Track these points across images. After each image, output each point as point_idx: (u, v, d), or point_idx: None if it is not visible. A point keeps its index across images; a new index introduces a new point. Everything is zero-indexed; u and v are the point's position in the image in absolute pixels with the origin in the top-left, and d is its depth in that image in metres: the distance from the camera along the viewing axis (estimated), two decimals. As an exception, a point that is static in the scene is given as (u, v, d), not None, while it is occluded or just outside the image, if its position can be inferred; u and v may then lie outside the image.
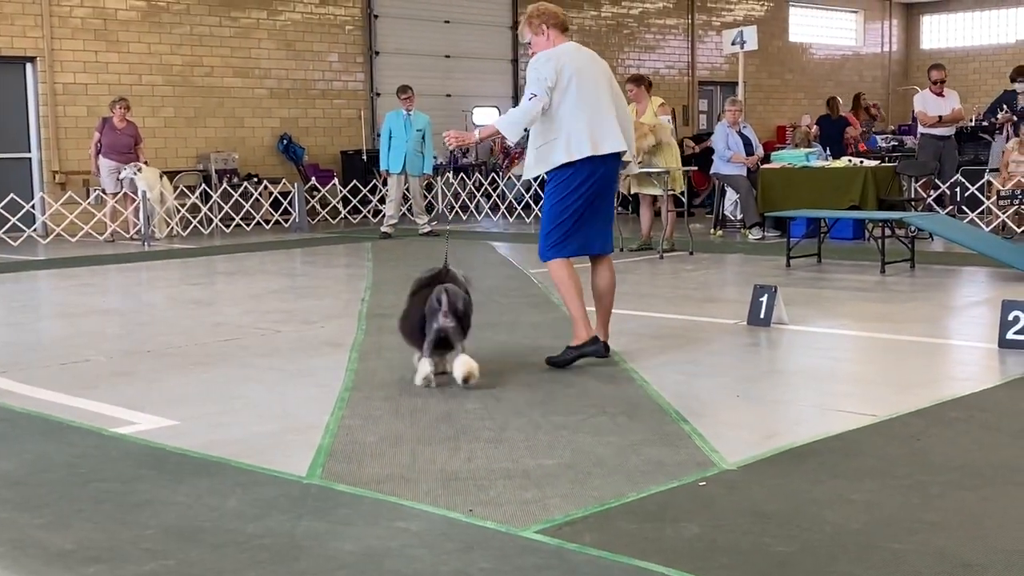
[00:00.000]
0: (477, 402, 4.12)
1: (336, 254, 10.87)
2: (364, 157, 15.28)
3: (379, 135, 13.49)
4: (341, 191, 14.31)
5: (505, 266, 9.07)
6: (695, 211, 13.98)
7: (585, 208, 4.77)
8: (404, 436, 3.67)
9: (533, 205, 14.44)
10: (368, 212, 14.64)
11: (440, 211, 14.67)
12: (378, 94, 15.98)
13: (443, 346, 4.36)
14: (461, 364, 4.30)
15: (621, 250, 9.91)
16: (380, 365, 4.85)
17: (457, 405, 4.09)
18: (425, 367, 4.37)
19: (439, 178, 15.08)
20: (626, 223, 12.59)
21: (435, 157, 13.50)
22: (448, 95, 16.67)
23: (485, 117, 16.18)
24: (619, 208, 12.32)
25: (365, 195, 14.51)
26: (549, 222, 4.82)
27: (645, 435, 3.62)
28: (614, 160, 4.82)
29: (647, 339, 5.45)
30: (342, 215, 14.52)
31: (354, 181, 14.22)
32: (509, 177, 15.30)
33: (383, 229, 12.12)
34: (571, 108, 4.81)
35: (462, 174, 15.50)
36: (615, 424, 3.77)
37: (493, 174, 15.62)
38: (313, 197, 14.30)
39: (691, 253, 9.59)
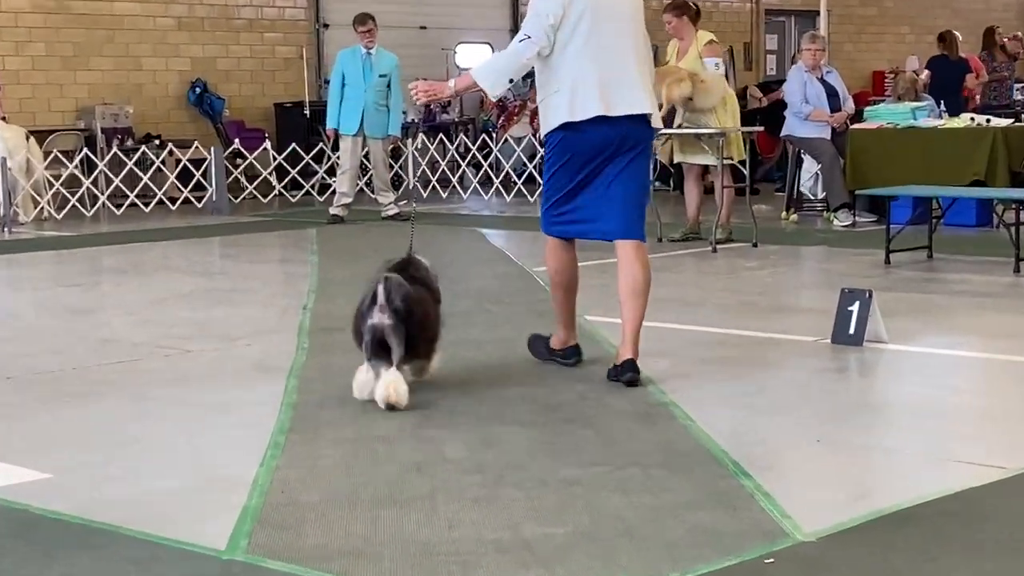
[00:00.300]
0: (461, 447, 4.14)
1: (268, 245, 10.89)
2: (307, 112, 15.37)
3: (328, 82, 13.54)
4: (275, 158, 14.36)
5: (500, 262, 9.10)
6: (760, 187, 14.03)
7: (589, 182, 5.04)
8: (360, 494, 3.68)
9: (538, 177, 14.49)
10: (312, 187, 14.69)
11: (411, 186, 14.71)
12: (326, 26, 16.04)
13: (386, 349, 4.65)
14: (384, 384, 4.57)
15: (660, 240, 9.96)
16: (328, 397, 4.87)
17: (433, 451, 4.10)
18: (360, 376, 4.71)
19: (410, 141, 15.14)
20: (666, 203, 12.62)
21: (404, 113, 13.55)
22: (423, 27, 16.73)
23: (473, 58, 16.18)
24: (656, 183, 12.35)
25: (308, 164, 14.57)
26: (545, 197, 5.21)
27: (691, 494, 3.64)
28: (635, 124, 5.00)
29: (694, 362, 5.47)
30: (276, 191, 14.56)
31: (293, 145, 14.28)
32: (506, 139, 15.36)
33: (333, 211, 12.18)
34: (578, 53, 4.91)
35: (441, 136, 15.55)
36: (649, 479, 3.78)
37: (484, 136, 15.68)
38: (236, 167, 14.36)
39: (755, 245, 9.63)
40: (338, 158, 12.68)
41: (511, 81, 5.05)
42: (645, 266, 5.09)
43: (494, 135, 15.65)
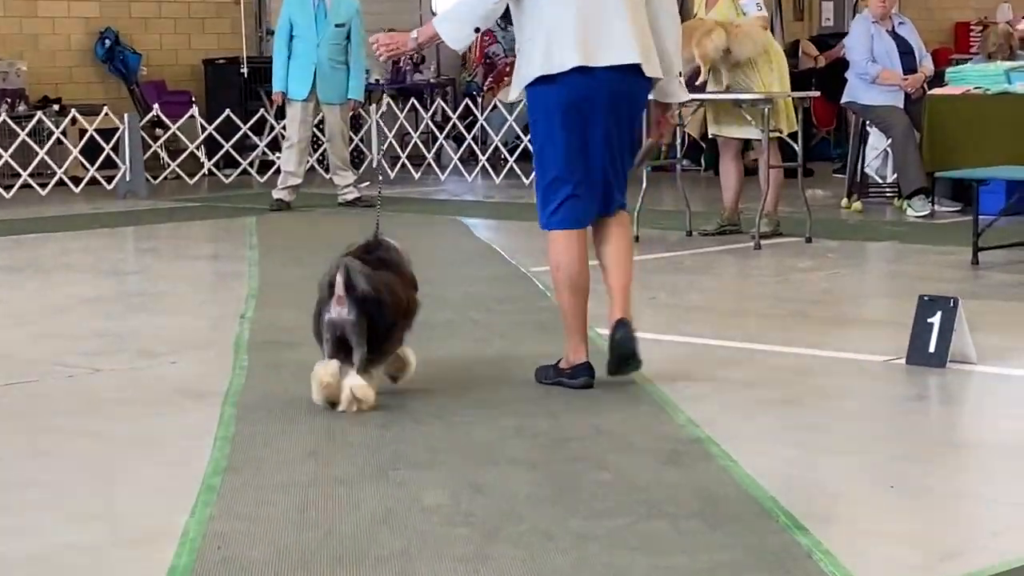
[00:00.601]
0: (442, 493, 4.14)
1: (196, 237, 10.88)
2: (244, 71, 15.38)
3: (271, 34, 13.55)
4: (205, 128, 14.36)
5: (488, 260, 9.11)
6: (815, 167, 14.07)
7: (583, 149, 5.29)
8: (316, 553, 3.67)
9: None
10: (251, 165, 14.68)
11: (376, 164, 14.72)
12: (269, -38, 16.07)
13: (345, 347, 4.95)
14: (347, 391, 4.92)
15: (689, 234, 9.98)
16: (274, 428, 4.87)
17: (408, 497, 4.10)
18: (319, 375, 5.01)
19: (374, 108, 15.15)
20: (696, 187, 12.66)
21: (368, 72, 13.55)
22: (391, -36, 16.74)
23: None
24: (684, 161, 12.38)
25: (246, 136, 14.57)
26: (539, 178, 5.42)
27: (733, 553, 3.63)
28: (625, 78, 5.24)
29: (734, 387, 5.48)
30: (205, 170, 14.56)
31: (227, 112, 14.28)
32: (495, 105, 15.38)
33: (277, 194, 12.18)
34: None
35: (413, 101, 15.56)
36: (681, 534, 3.78)
37: (467, 101, 15.68)
38: (156, 139, 14.35)
39: (808, 240, 9.66)
40: (284, 128, 12.68)
41: (477, 31, 5.15)
42: (629, 231, 5.48)
43: (479, 100, 15.66)
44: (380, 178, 9.22)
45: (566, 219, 5.33)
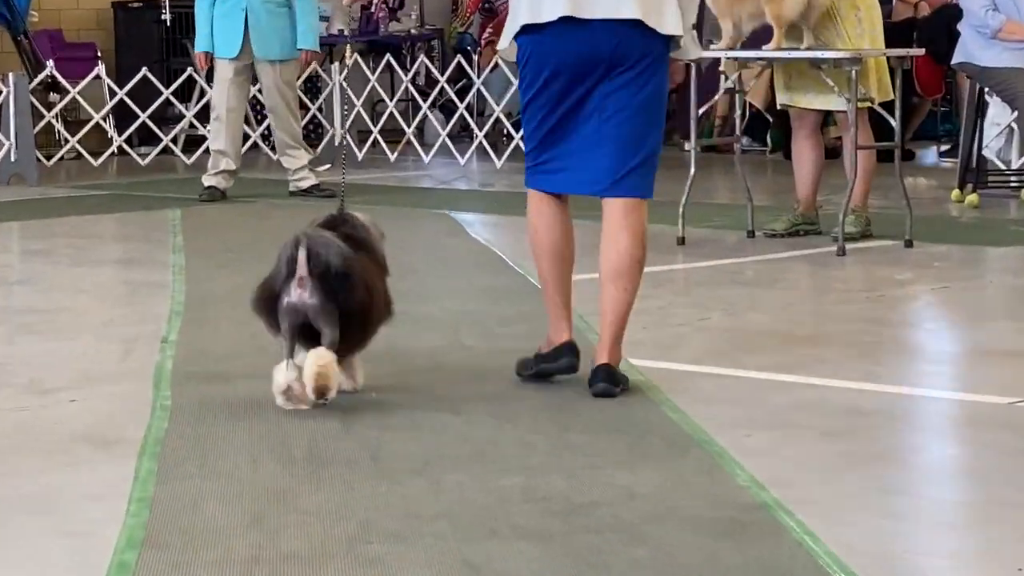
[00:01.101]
0: (427, 573, 4.12)
1: (103, 236, 10.88)
2: (165, 16, 15.38)
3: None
4: (114, 92, 14.34)
5: (486, 267, 9.18)
6: (916, 148, 14.07)
7: (574, 113, 5.91)
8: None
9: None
10: (175, 141, 14.67)
11: (340, 140, 14.70)
12: None
13: (309, 338, 5.36)
14: (312, 366, 5.28)
15: (751, 234, 9.97)
16: (206, 487, 4.87)
17: (383, 582, 4.10)
18: (278, 377, 5.45)
19: (337, 67, 15.14)
20: (761, 173, 12.65)
21: (325, 20, 13.58)
22: None
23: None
24: (745, 140, 12.38)
25: (168, 102, 14.56)
26: (525, 136, 6.11)
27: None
28: (625, 33, 5.78)
29: (811, 437, 5.48)
30: (114, 147, 14.55)
31: (144, 71, 14.29)
32: (495, 65, 15.38)
33: (208, 181, 12.21)
34: None
35: (390, 59, 15.56)
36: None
37: (460, 59, 15.69)
38: (51, 106, 14.37)
39: (908, 243, 9.68)
40: (211, 95, 12.68)
41: None
42: (638, 236, 5.90)
43: (475, 57, 15.69)
44: (344, 157, 9.24)
45: (544, 182, 6.01)
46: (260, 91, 12.38)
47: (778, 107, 10.30)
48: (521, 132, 6.30)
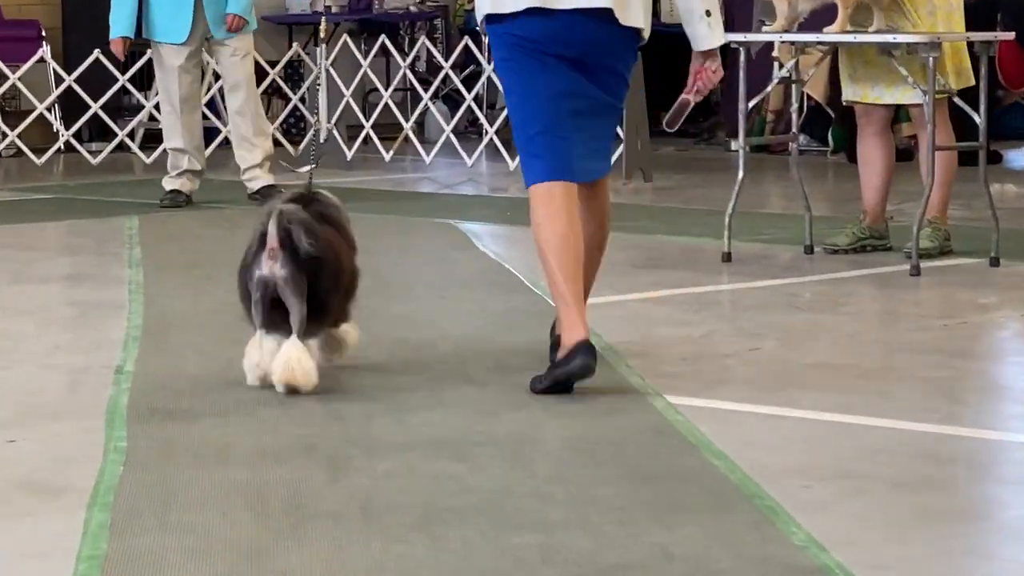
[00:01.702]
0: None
1: (47, 248, 10.88)
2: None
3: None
4: (61, 79, 14.37)
5: (498, 285, 9.20)
6: (1002, 149, 14.06)
7: (546, 98, 6.64)
8: None
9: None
10: (132, 136, 14.68)
11: (323, 136, 14.71)
12: None
13: (279, 312, 6.21)
14: (283, 361, 6.15)
15: (810, 250, 9.94)
16: (168, 543, 4.87)
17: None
18: (251, 354, 6.30)
19: (322, 50, 15.16)
20: (820, 178, 12.64)
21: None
22: None
23: None
24: (803, 139, 12.37)
25: (125, 90, 14.58)
26: (513, 126, 6.87)
27: None
28: (594, 24, 6.54)
29: (878, 487, 5.47)
30: (61, 143, 14.57)
31: (95, 54, 14.31)
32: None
33: (170, 184, 12.21)
34: None
35: (384, 40, 15.56)
36: None
37: (467, 40, 15.70)
38: (-13, 94, 14.38)
39: (994, 262, 9.68)
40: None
41: None
42: (604, 212, 6.91)
43: (484, 40, 15.71)
44: (314, 144, 9.28)
45: (540, 172, 6.68)
46: (218, 75, 12.36)
47: (843, 102, 10.30)
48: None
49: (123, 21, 11.95)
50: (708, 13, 6.54)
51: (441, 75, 15.36)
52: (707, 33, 6.59)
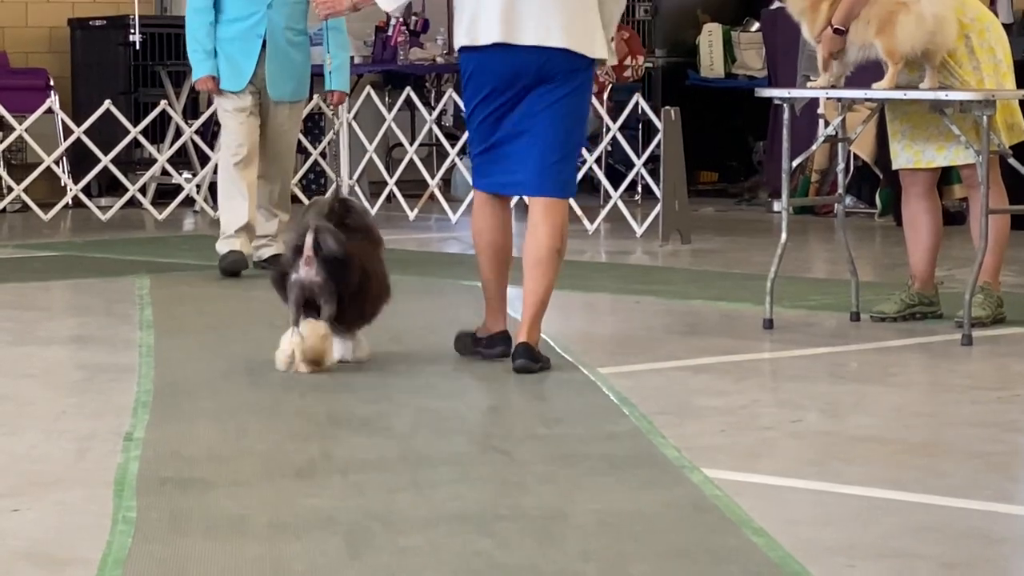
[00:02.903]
0: None
1: (53, 308, 10.88)
2: (135, 38, 15.42)
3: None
4: (70, 130, 14.40)
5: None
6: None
7: (505, 118, 8.19)
8: None
9: (613, 171, 14.52)
10: (143, 191, 14.70)
11: (344, 192, 14.74)
12: None
13: (313, 311, 7.84)
14: (308, 335, 7.56)
15: (855, 317, 9.93)
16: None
17: None
18: (284, 341, 7.84)
19: (343, 110, 15.21)
20: (867, 241, 12.61)
21: (366, 43, 13.66)
22: None
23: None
24: (849, 200, 12.37)
25: (136, 142, 14.60)
26: (469, 140, 8.52)
27: None
28: (551, 57, 8.11)
29: (930, 567, 5.41)
30: (68, 198, 14.58)
31: (107, 104, 14.34)
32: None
33: (225, 247, 11.68)
34: None
35: (410, 92, 15.59)
36: None
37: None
38: (-10, 147, 14.40)
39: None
40: (217, 133, 12.61)
41: None
42: (556, 228, 8.24)
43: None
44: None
45: (485, 183, 8.32)
46: (267, 130, 12.17)
47: (893, 167, 10.25)
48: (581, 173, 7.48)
49: (205, 60, 11.63)
50: (612, 39, 8.23)
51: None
52: (603, 45, 8.10)
